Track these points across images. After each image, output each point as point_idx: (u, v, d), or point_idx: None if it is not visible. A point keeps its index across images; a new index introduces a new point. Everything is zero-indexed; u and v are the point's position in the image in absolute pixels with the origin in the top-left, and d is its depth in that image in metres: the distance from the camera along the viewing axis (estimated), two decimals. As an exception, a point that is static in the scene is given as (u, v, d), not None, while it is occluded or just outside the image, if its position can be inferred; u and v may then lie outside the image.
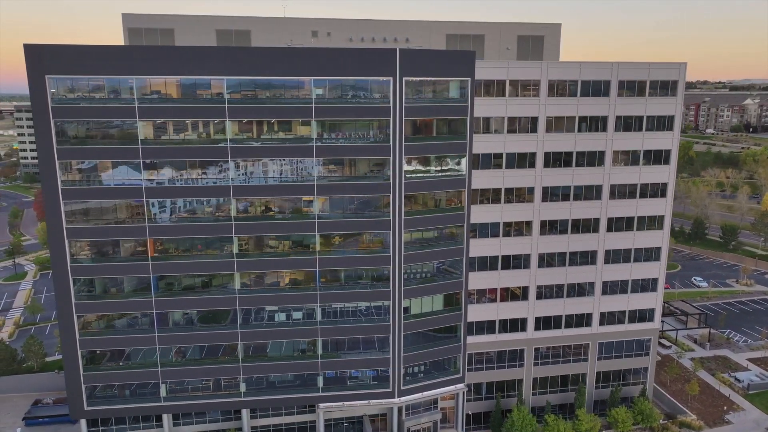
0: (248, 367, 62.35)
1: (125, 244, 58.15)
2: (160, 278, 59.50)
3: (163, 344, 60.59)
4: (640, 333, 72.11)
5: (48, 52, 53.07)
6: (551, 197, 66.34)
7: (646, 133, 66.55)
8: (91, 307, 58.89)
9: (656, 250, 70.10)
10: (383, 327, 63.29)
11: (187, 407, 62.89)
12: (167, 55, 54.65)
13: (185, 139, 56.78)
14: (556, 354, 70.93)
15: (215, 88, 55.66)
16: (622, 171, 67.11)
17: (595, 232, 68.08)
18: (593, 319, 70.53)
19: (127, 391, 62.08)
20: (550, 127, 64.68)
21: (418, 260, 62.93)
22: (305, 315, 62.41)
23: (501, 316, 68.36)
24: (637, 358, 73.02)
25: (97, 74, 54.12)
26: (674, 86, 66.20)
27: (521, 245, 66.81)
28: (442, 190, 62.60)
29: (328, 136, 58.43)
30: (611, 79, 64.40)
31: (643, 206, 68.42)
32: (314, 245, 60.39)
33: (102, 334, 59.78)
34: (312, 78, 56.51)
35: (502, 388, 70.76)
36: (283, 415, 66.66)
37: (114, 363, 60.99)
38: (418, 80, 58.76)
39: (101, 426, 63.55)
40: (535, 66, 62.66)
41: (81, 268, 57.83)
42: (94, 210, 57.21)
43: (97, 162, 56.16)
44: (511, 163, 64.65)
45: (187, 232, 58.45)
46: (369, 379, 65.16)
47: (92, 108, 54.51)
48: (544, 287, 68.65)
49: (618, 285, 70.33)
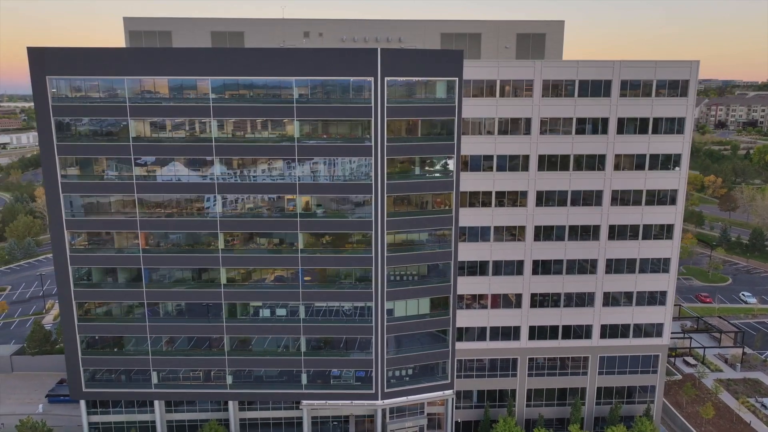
0: (234, 360, 63.92)
1: (119, 236, 61.13)
2: (151, 270, 62.09)
3: (154, 333, 63.20)
4: (646, 349, 67.83)
5: (49, 54, 56.64)
6: (547, 202, 63.63)
7: (652, 136, 62.46)
8: (88, 294, 62.30)
9: (665, 261, 65.67)
10: (366, 328, 63.03)
11: (177, 395, 65.30)
12: (156, 57, 56.88)
13: (173, 137, 58.92)
14: (553, 365, 67.99)
15: (202, 88, 57.45)
16: (625, 176, 63.34)
17: (595, 240, 64.66)
18: (593, 332, 67.01)
19: (123, 376, 65.26)
20: (546, 129, 62.05)
21: (402, 262, 62.20)
22: (289, 312, 63.20)
23: (492, 323, 66.34)
24: (644, 375, 68.72)
25: (93, 75, 57.15)
26: (685, 86, 61.71)
27: (514, 251, 64.51)
28: (427, 191, 61.54)
29: (314, 136, 58.88)
30: (612, 78, 60.90)
31: (650, 214, 64.26)
32: (297, 243, 61.04)
33: (98, 320, 63.14)
34: (294, 78, 57.16)
35: (494, 398, 68.67)
36: (271, 410, 67.84)
37: (110, 349, 64.26)
38: (404, 80, 58.15)
39: (100, 407, 67.14)
40: (527, 65, 60.29)
41: (79, 257, 61.30)
42: (92, 203, 60.53)
43: (94, 158, 59.30)
44: (502, 166, 62.56)
45: (174, 227, 60.65)
46: (353, 379, 65.12)
47: (87, 107, 57.62)
48: (539, 295, 65.96)
49: (621, 296, 66.48)
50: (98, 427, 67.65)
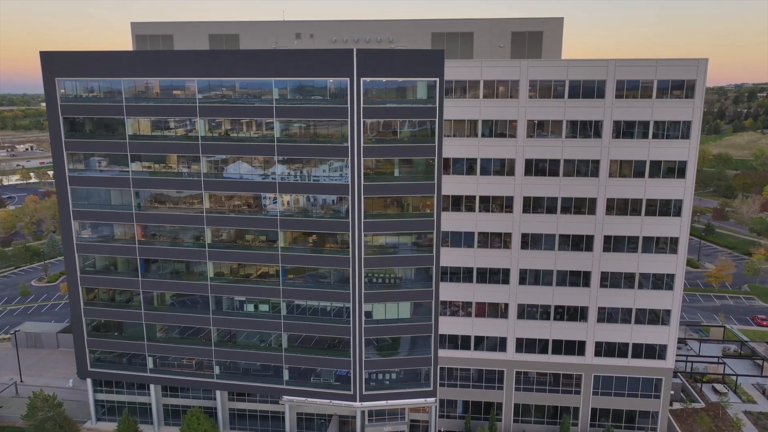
0: (220, 352, 66.14)
1: (117, 228, 65.16)
2: (147, 261, 65.65)
3: (149, 321, 66.74)
4: (647, 371, 62.60)
5: (58, 57, 61.50)
6: (535, 209, 60.45)
7: (654, 141, 57.58)
8: (92, 280, 66.94)
9: (668, 277, 60.29)
10: (344, 329, 63.00)
11: (170, 381, 68.54)
12: (150, 59, 60.10)
13: (164, 135, 62.00)
14: (543, 381, 64.47)
15: (190, 88, 59.99)
16: (622, 184, 58.85)
17: (588, 251, 60.59)
18: (587, 348, 62.81)
19: (124, 359, 69.48)
20: (534, 132, 58.98)
21: (380, 264, 61.59)
22: (271, 308, 64.46)
23: (477, 332, 64.01)
24: (645, 399, 63.48)
25: (96, 77, 61.38)
26: (691, 87, 56.33)
27: (499, 258, 61.86)
28: (407, 194, 60.49)
29: (298, 136, 59.74)
30: (607, 79, 56.79)
31: (650, 226, 59.28)
32: (278, 241, 62.17)
33: (101, 306, 67.64)
34: (273, 79, 58.28)
35: (480, 410, 66.20)
36: (258, 402, 69.51)
37: (112, 333, 68.62)
38: (388, 81, 57.59)
39: (105, 387, 71.89)
40: (512, 65, 57.57)
41: (83, 246, 66.00)
42: (95, 195, 64.98)
43: (94, 153, 63.64)
44: (486, 170, 60.19)
45: (166, 220, 63.72)
46: (333, 378, 65.29)
47: (88, 106, 61.94)
48: (528, 306, 62.80)
49: (618, 313, 61.82)
50: (104, 405, 72.49)
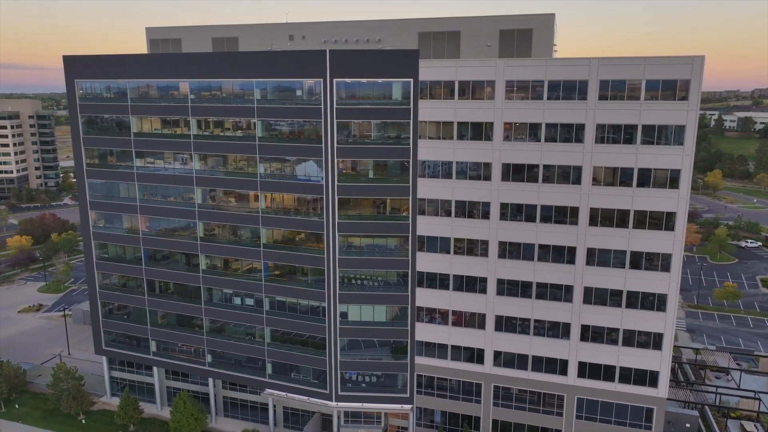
0: (211, 341, 69.14)
1: (125, 219, 70.16)
2: (150, 251, 70.09)
3: (151, 307, 71.21)
4: (637, 399, 57.17)
5: (77, 60, 67.42)
6: (513, 216, 57.30)
7: (641, 147, 52.50)
8: (105, 266, 72.54)
9: (660, 297, 54.71)
10: (320, 327, 63.48)
11: (169, 365, 72.64)
12: (150, 63, 64.27)
13: (163, 132, 65.91)
14: (522, 398, 60.94)
15: (183, 89, 63.34)
16: (607, 193, 54.21)
17: (570, 263, 56.47)
18: (569, 368, 58.53)
19: (134, 342, 74.65)
20: (511, 136, 55.96)
21: (355, 266, 61.39)
22: (256, 303, 66.36)
23: (453, 341, 61.80)
24: (635, 429, 58.02)
25: (108, 78, 66.56)
26: (685, 87, 50.72)
27: (476, 266, 59.30)
28: (381, 196, 59.81)
29: (279, 136, 61.20)
30: (589, 79, 52.60)
31: (639, 240, 54.09)
32: (260, 238, 63.94)
33: (112, 290, 73.16)
34: (254, 80, 60.06)
35: (458, 422, 63.83)
36: (248, 393, 71.77)
37: (121, 316, 74.03)
38: (366, 81, 57.51)
39: (118, 365, 77.62)
40: (488, 65, 54.96)
41: (98, 234, 71.73)
42: (107, 189, 70.44)
43: (108, 149, 68.99)
44: (462, 174, 57.97)
45: (165, 213, 67.71)
46: (311, 376, 65.98)
47: (98, 105, 67.28)
48: (506, 318, 59.68)
49: (604, 332, 57.03)
50: (117, 382, 78.33)
